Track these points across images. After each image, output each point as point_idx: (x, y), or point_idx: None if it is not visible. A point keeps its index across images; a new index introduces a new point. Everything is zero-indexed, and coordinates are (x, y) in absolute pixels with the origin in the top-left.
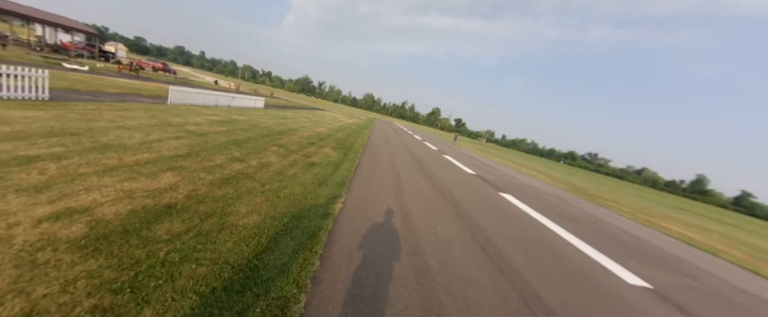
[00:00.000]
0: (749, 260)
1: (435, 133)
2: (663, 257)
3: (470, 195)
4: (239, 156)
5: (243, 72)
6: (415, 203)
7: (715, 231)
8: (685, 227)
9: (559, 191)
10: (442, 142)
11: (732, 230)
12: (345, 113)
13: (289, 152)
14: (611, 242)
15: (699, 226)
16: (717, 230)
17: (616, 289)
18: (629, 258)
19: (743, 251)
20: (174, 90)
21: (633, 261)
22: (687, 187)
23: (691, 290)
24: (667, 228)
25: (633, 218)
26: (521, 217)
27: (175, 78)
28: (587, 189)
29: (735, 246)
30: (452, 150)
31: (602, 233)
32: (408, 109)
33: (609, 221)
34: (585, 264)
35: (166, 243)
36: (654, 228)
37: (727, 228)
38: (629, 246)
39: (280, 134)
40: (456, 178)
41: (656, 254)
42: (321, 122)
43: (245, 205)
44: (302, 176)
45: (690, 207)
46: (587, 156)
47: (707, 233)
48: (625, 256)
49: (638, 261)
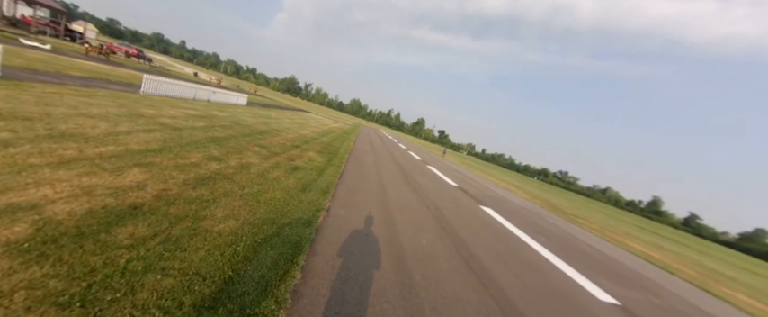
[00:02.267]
0: (701, 278)
1: (419, 143)
2: (628, 274)
3: (454, 208)
4: (217, 155)
5: (226, 66)
6: (400, 214)
7: (670, 250)
8: (646, 245)
9: (535, 206)
10: (425, 153)
11: (684, 250)
12: (331, 116)
13: (271, 154)
14: (583, 259)
15: (657, 245)
16: (672, 250)
17: (590, 306)
18: (599, 275)
19: (695, 270)
20: (148, 79)
21: (603, 278)
22: (644, 207)
23: (654, 307)
24: (631, 246)
25: (601, 235)
26: (502, 232)
27: (151, 66)
28: (560, 206)
29: (688, 265)
30: (436, 162)
31: (576, 250)
32: (394, 117)
33: (581, 238)
34: (562, 280)
35: (128, 249)
36: (619, 245)
37: (680, 247)
38: (600, 263)
39: (262, 134)
40: (440, 190)
41: (623, 271)
42: (306, 124)
43: (221, 209)
44: (285, 181)
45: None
46: (559, 173)
47: (664, 252)
48: (596, 273)
49: (608, 278)
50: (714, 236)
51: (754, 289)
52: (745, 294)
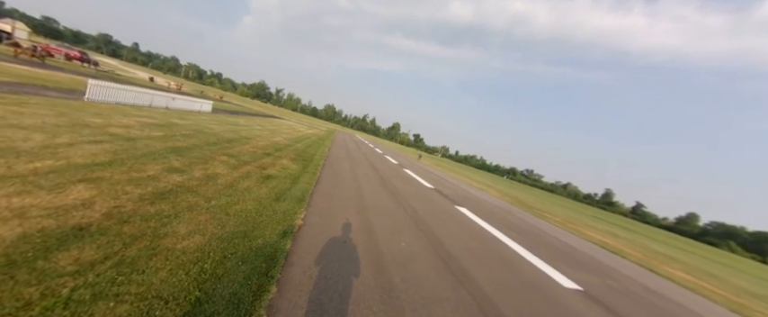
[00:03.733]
0: (647, 260)
1: (395, 147)
2: (588, 261)
3: (430, 210)
4: (179, 166)
5: (187, 71)
6: (378, 218)
7: (622, 237)
8: (601, 234)
9: (506, 204)
10: (402, 156)
11: (633, 236)
12: (305, 122)
13: (241, 163)
14: (550, 251)
15: (611, 233)
16: (623, 236)
17: (557, 294)
18: (564, 264)
19: (642, 253)
20: (94, 84)
21: (567, 267)
22: (599, 199)
23: (610, 289)
24: (589, 235)
25: (564, 227)
26: (476, 230)
27: (97, 71)
28: (528, 202)
29: (637, 249)
30: (412, 165)
31: (543, 242)
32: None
33: (546, 231)
34: (532, 272)
35: (73, 277)
36: (580, 235)
37: (629, 234)
38: (564, 253)
39: (230, 142)
40: (416, 192)
41: (583, 259)
42: (278, 130)
43: (185, 225)
44: (257, 190)
45: (602, 216)
46: (525, 172)
47: (617, 239)
48: (561, 262)
49: (571, 266)
50: (656, 221)
51: (689, 266)
52: (682, 271)
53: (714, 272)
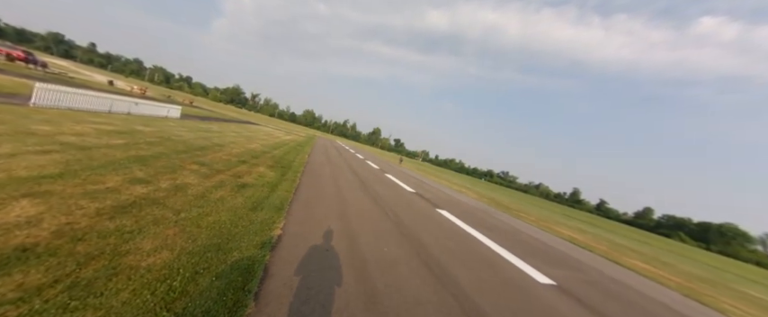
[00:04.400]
0: (611, 253)
1: (376, 152)
2: (560, 256)
3: (412, 213)
4: (143, 176)
5: (152, 74)
6: (360, 224)
7: (589, 232)
8: (571, 230)
9: (484, 205)
10: (383, 161)
11: (598, 231)
12: (283, 128)
13: (214, 172)
14: (525, 248)
15: (579, 229)
16: (590, 231)
17: (533, 289)
18: (539, 261)
19: (607, 246)
20: (42, 88)
21: (542, 263)
22: (568, 198)
23: (580, 281)
24: (560, 232)
25: (538, 225)
26: (456, 231)
27: (45, 73)
28: (504, 202)
29: (602, 243)
30: (393, 169)
31: (519, 241)
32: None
33: (522, 230)
34: (510, 270)
35: (16, 305)
36: (552, 233)
37: (595, 229)
38: (538, 250)
39: (202, 150)
40: (398, 197)
41: (556, 255)
42: (254, 137)
43: (150, 240)
44: (231, 200)
45: (571, 214)
46: (501, 174)
47: (584, 234)
48: (536, 259)
49: (545, 262)
50: (618, 216)
51: (646, 256)
52: (641, 261)
53: (667, 260)
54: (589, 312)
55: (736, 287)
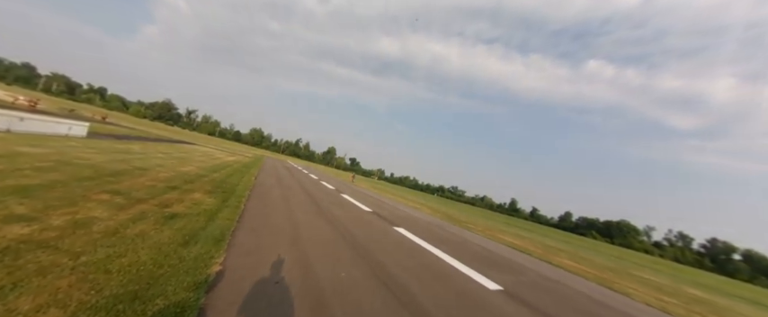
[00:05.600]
0: (545, 255)
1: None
2: (504, 262)
3: (369, 233)
4: (26, 212)
5: (48, 83)
6: (315, 250)
7: (526, 237)
8: (512, 237)
9: (438, 220)
10: (338, 181)
11: (533, 235)
12: (225, 148)
13: (132, 201)
14: (475, 258)
15: (518, 235)
16: (527, 237)
17: (485, 296)
18: (487, 268)
19: (541, 249)
20: None
21: (490, 270)
22: (507, 207)
23: (523, 284)
24: (503, 239)
25: (484, 234)
26: (413, 248)
27: None
28: (455, 216)
29: (537, 246)
30: (349, 189)
31: (469, 251)
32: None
33: (471, 240)
34: (463, 280)
35: None
36: (497, 240)
37: (530, 234)
38: (486, 258)
39: (116, 176)
40: (355, 217)
41: (501, 261)
42: (189, 158)
43: (30, 297)
44: (155, 235)
45: (511, 222)
46: (451, 188)
47: (523, 239)
48: (485, 267)
49: (493, 269)
50: (547, 221)
51: (570, 253)
52: (567, 258)
53: (585, 256)
54: (532, 311)
55: (634, 273)
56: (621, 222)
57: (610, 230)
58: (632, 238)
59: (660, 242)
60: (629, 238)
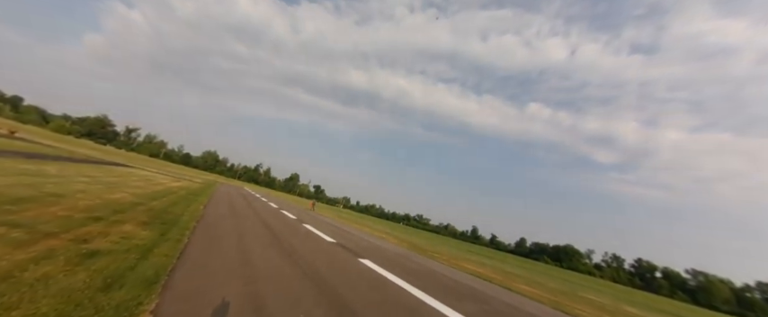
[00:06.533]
0: (505, 281)
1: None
2: (467, 290)
3: (333, 267)
4: None
5: None
6: (270, 288)
7: (488, 265)
8: (474, 265)
9: (404, 250)
10: (301, 210)
11: (493, 262)
12: (171, 172)
13: (38, 236)
14: (440, 288)
15: (480, 262)
16: (488, 264)
17: None
18: (451, 298)
19: (501, 276)
20: None
21: (454, 300)
22: (469, 235)
23: (486, 313)
24: (467, 267)
25: (449, 263)
26: (379, 280)
27: None
28: (420, 245)
29: (497, 273)
30: (313, 219)
31: (434, 281)
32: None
33: (437, 270)
34: (428, 312)
35: None
36: (460, 269)
37: (491, 261)
38: (451, 288)
39: (19, 203)
40: (317, 249)
41: (464, 290)
42: (121, 183)
43: None
44: (65, 279)
45: (473, 249)
46: (417, 217)
47: (485, 267)
48: (449, 296)
49: (457, 298)
50: (505, 248)
51: (526, 279)
52: (525, 284)
53: (539, 280)
54: None
55: (581, 294)
56: (567, 247)
57: (558, 254)
58: (577, 261)
59: (599, 264)
60: (575, 261)
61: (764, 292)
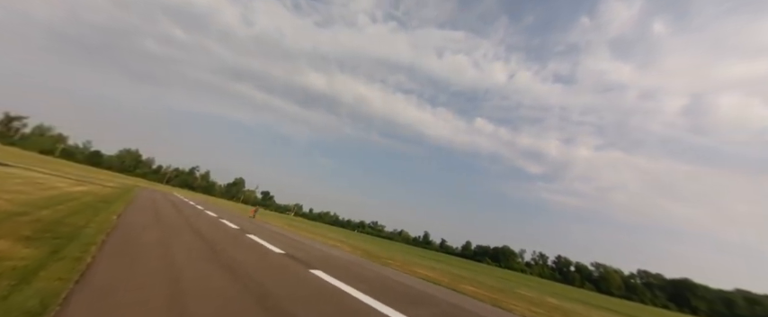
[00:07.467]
0: (453, 283)
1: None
2: (420, 295)
3: (281, 280)
4: None
5: None
6: (204, 309)
7: (437, 269)
8: (425, 269)
9: (358, 258)
10: (244, 219)
11: (442, 265)
12: (71, 173)
13: None
14: (394, 295)
15: (431, 267)
16: (438, 268)
17: None
18: (405, 304)
19: (449, 278)
20: None
21: (408, 306)
22: (421, 240)
23: (435, 315)
24: (419, 272)
25: (402, 269)
26: (332, 293)
27: None
28: (375, 252)
29: (445, 276)
30: (259, 228)
31: (388, 288)
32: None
33: (391, 277)
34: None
35: None
36: (412, 274)
37: (440, 265)
38: (403, 294)
39: None
40: (263, 262)
41: (417, 295)
42: None
43: None
44: None
45: (425, 254)
46: (371, 224)
47: (434, 271)
48: (402, 303)
49: (410, 304)
50: (453, 251)
51: (471, 280)
52: (469, 284)
53: (482, 280)
54: None
55: (515, 290)
56: (505, 248)
57: (498, 255)
58: (512, 260)
59: (529, 262)
60: (511, 261)
61: (643, 278)
